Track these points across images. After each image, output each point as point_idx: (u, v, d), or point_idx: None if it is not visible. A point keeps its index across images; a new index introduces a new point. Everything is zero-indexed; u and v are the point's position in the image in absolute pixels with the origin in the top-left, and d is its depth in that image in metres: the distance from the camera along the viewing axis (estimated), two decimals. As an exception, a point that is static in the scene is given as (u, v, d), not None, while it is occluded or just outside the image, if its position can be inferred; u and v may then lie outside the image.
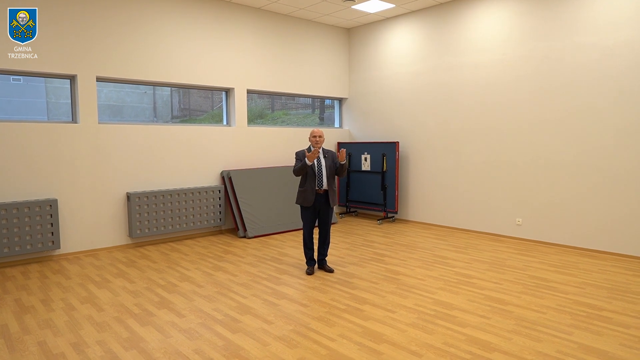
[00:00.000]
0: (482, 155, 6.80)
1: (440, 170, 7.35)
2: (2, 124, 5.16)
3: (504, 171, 6.55)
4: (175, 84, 6.59)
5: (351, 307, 3.92)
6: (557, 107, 5.94)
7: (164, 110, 6.81)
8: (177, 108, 7.28)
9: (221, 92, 7.25)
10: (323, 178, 4.79)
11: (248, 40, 7.17)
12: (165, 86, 6.68)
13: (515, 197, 6.45)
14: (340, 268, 5.10)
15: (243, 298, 4.15)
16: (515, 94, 6.36)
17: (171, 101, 7.38)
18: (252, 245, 6.26)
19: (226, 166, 7.08)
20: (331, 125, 9.09)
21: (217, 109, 7.36)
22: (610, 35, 5.43)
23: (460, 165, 7.07)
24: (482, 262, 5.31)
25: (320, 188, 4.79)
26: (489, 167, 6.72)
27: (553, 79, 5.95)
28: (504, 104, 6.49)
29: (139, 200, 6.07)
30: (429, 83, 7.40)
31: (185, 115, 7.13)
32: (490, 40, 6.58)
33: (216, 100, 7.62)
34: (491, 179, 6.70)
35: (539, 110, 6.13)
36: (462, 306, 3.93)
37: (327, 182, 4.81)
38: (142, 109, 7.19)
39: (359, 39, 8.47)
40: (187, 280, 4.69)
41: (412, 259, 5.47)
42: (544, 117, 6.08)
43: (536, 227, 6.25)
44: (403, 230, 7.22)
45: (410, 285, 4.49)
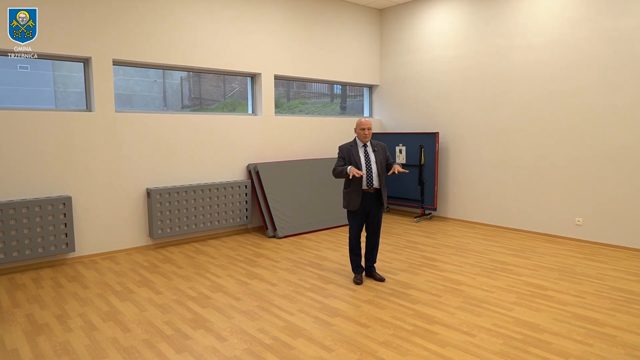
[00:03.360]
0: (535, 147, 6.14)
1: (486, 163, 6.70)
2: (8, 112, 4.58)
3: (562, 165, 5.90)
4: (198, 69, 5.96)
5: (419, 328, 3.33)
6: (626, 94, 5.26)
7: (173, 100, 6.29)
8: (188, 97, 6.77)
9: (238, 79, 6.62)
10: (373, 175, 4.17)
11: (275, 22, 6.52)
12: (187, 70, 6.06)
13: (574, 194, 5.80)
14: (390, 276, 4.51)
15: (290, 315, 3.57)
16: (575, 79, 5.68)
17: (181, 90, 6.87)
18: (285, 247, 5.67)
19: (252, 159, 6.48)
20: (357, 114, 8.44)
21: (229, 98, 6.83)
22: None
23: (510, 158, 6.41)
24: (549, 269, 4.70)
25: (371, 187, 4.17)
26: (544, 160, 6.06)
27: (622, 62, 5.26)
28: (562, 90, 5.81)
29: (160, 197, 5.49)
30: (474, 68, 6.72)
31: (195, 105, 6.63)
32: (547, 19, 5.88)
33: (227, 89, 7.07)
34: (546, 173, 6.05)
35: (605, 97, 5.45)
36: (551, 327, 3.32)
37: (378, 180, 4.19)
38: (151, 98, 6.69)
39: (393, 21, 7.78)
40: (220, 291, 4.11)
41: (468, 265, 4.86)
42: (610, 105, 5.40)
43: (599, 228, 5.61)
44: (445, 229, 6.61)
45: (479, 299, 3.89)
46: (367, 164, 4.16)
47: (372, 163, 4.17)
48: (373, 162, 4.18)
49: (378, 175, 4.17)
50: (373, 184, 4.16)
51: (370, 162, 4.17)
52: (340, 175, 4.15)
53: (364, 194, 4.18)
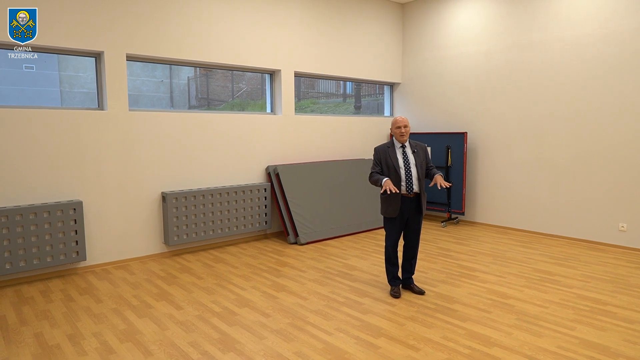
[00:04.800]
0: (572, 147, 5.75)
1: (518, 164, 6.31)
2: (13, 111, 4.24)
3: (602, 166, 5.51)
4: (215, 64, 5.61)
5: (476, 351, 2.96)
6: (682, 89, 4.88)
7: (181, 100, 5.98)
8: (195, 97, 6.46)
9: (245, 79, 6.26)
10: (413, 179, 3.79)
11: (294, 16, 6.16)
12: (203, 67, 5.73)
13: (617, 197, 5.41)
14: (429, 288, 4.13)
15: (327, 335, 3.20)
16: (618, 75, 5.29)
17: (188, 90, 6.56)
18: (308, 254, 5.31)
19: (272, 160, 6.12)
20: (376, 114, 8.07)
21: (237, 99, 6.51)
22: None
23: (545, 160, 6.02)
24: (600, 280, 4.31)
25: (410, 192, 3.80)
26: (582, 161, 5.67)
27: (677, 55, 4.88)
28: (603, 87, 5.42)
29: (176, 202, 5.14)
30: (505, 64, 6.34)
31: (202, 105, 6.33)
32: (585, 11, 5.50)
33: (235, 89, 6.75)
34: (585, 175, 5.66)
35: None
36: (624, 351, 2.94)
37: (418, 184, 3.82)
38: (158, 98, 6.41)
39: (416, 15, 7.41)
40: (246, 306, 3.75)
41: (511, 275, 4.48)
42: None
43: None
44: (475, 234, 6.22)
45: (534, 316, 3.51)
46: (406, 166, 3.79)
47: (412, 166, 3.80)
48: (412, 165, 3.80)
49: (418, 179, 3.80)
50: (413, 188, 3.79)
51: (410, 164, 3.80)
52: (375, 184, 3.81)
53: (403, 199, 3.81)
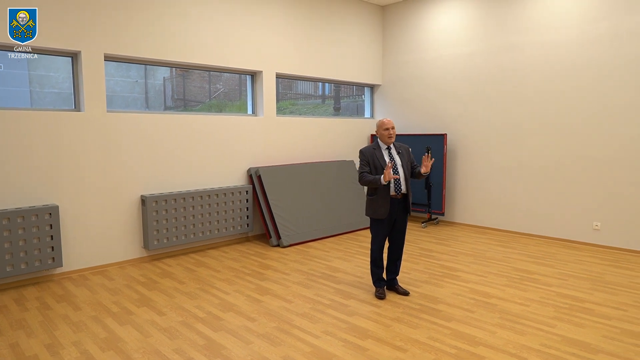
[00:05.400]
0: (549, 148, 5.90)
1: (497, 165, 6.43)
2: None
3: (578, 167, 5.66)
4: (196, 65, 5.54)
5: (462, 351, 2.99)
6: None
7: (156, 101, 5.85)
8: (171, 98, 6.34)
9: (222, 80, 6.20)
10: (401, 180, 3.82)
11: (276, 18, 6.12)
12: (184, 67, 5.64)
13: (591, 197, 5.58)
14: (413, 289, 4.16)
15: (315, 338, 3.19)
16: (594, 78, 5.45)
17: (164, 91, 6.43)
18: (291, 257, 5.28)
19: (254, 162, 6.07)
20: (356, 115, 8.11)
21: (214, 99, 6.42)
22: None
23: (523, 160, 6.16)
24: (578, 278, 4.43)
25: (399, 192, 3.82)
26: (559, 162, 5.82)
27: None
28: (580, 90, 5.58)
29: (156, 205, 5.03)
30: (483, 66, 6.46)
31: (179, 106, 6.21)
32: (564, 14, 5.65)
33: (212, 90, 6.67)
34: (561, 176, 5.81)
35: (625, 96, 5.23)
36: (604, 347, 3.02)
37: (405, 185, 3.85)
38: (132, 99, 6.26)
39: (396, 18, 7.48)
40: (231, 310, 3.70)
41: (492, 275, 4.56)
42: (631, 104, 5.19)
43: (619, 232, 5.39)
44: (455, 235, 6.31)
45: (516, 314, 3.57)
46: (393, 168, 3.81)
47: (399, 166, 3.83)
48: (399, 166, 3.83)
49: (405, 180, 3.83)
50: (401, 189, 3.81)
51: (397, 165, 3.82)
52: (371, 183, 3.72)
53: (391, 200, 3.82)
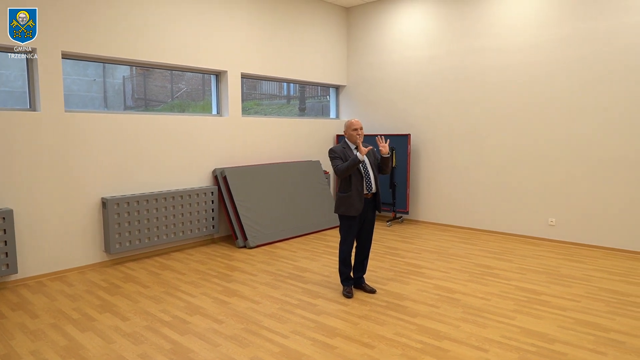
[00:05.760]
0: (508, 149, 6.13)
1: (459, 165, 6.63)
2: None
3: (534, 166, 5.92)
4: (159, 64, 5.42)
5: (428, 345, 3.07)
6: (600, 95, 5.35)
7: (115, 100, 5.68)
8: (131, 97, 6.18)
9: (185, 79, 6.12)
10: (371, 178, 3.88)
11: (241, 17, 6.08)
12: (147, 66, 5.51)
13: (547, 195, 5.84)
14: (379, 286, 4.24)
15: (283, 338, 3.19)
16: (549, 81, 5.72)
17: (124, 90, 6.25)
18: (258, 258, 5.26)
19: (219, 163, 6.00)
20: (321, 115, 8.16)
21: (177, 99, 6.30)
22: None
23: (483, 160, 6.38)
24: (535, 272, 4.63)
25: (370, 191, 3.88)
26: (517, 161, 6.07)
27: (596, 64, 5.35)
28: (536, 92, 5.83)
29: (117, 207, 4.89)
30: (445, 69, 6.64)
31: (140, 106, 6.06)
32: (519, 21, 5.89)
33: (175, 89, 6.55)
34: (519, 175, 6.06)
35: (578, 99, 5.52)
36: (560, 336, 3.18)
37: (375, 184, 3.91)
38: (90, 98, 6.06)
39: (361, 20, 7.58)
40: (197, 313, 3.65)
41: (455, 270, 4.70)
42: (583, 107, 5.48)
43: (572, 228, 5.67)
44: (419, 233, 6.46)
45: (478, 308, 3.70)
46: (363, 167, 3.87)
47: (368, 166, 3.90)
48: (368, 165, 3.90)
49: (375, 179, 3.90)
50: (372, 188, 3.88)
51: (367, 165, 3.89)
52: (349, 168, 3.68)
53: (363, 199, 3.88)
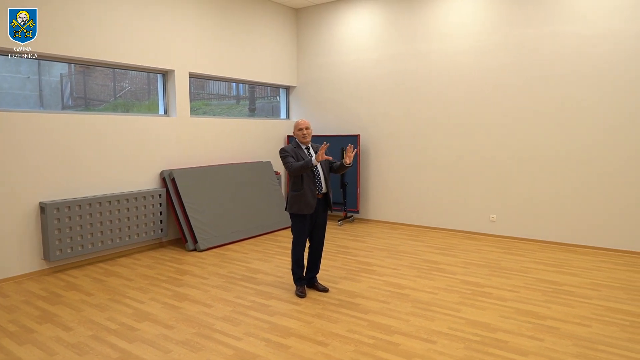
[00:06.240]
0: (452, 149, 6.41)
1: (406, 165, 6.85)
2: None
3: (476, 166, 6.23)
4: (101, 62, 5.20)
5: (380, 340, 3.16)
6: (533, 98, 5.72)
7: (52, 99, 5.39)
8: (70, 96, 5.89)
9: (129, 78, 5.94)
10: (321, 179, 3.93)
11: (189, 16, 5.95)
12: (86, 64, 5.26)
13: (488, 192, 6.17)
14: (332, 285, 4.30)
15: (237, 340, 3.17)
16: (488, 84, 6.04)
17: (61, 88, 5.95)
18: (209, 261, 5.17)
19: (167, 165, 5.83)
20: (272, 116, 8.15)
21: (120, 99, 6.08)
22: (589, 25, 5.29)
23: (428, 159, 6.62)
24: (478, 266, 4.87)
25: (320, 191, 3.92)
26: (460, 161, 6.36)
27: (530, 68, 5.71)
28: (476, 94, 6.14)
29: (57, 212, 4.64)
30: (393, 71, 6.84)
31: (79, 105, 5.79)
32: (462, 26, 6.18)
33: (118, 88, 6.32)
34: (462, 173, 6.35)
35: (513, 102, 5.87)
36: (501, 325, 3.37)
37: (325, 184, 3.96)
38: (24, 96, 5.71)
39: (310, 21, 7.63)
40: (146, 319, 3.54)
41: (404, 267, 4.85)
42: (518, 109, 5.83)
43: (511, 223, 6.02)
44: (370, 231, 6.61)
45: (426, 302, 3.85)
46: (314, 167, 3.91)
47: (319, 166, 3.94)
48: (319, 166, 3.94)
49: (325, 179, 3.95)
50: (322, 188, 3.92)
51: (317, 165, 3.93)
52: (303, 168, 3.68)
53: None
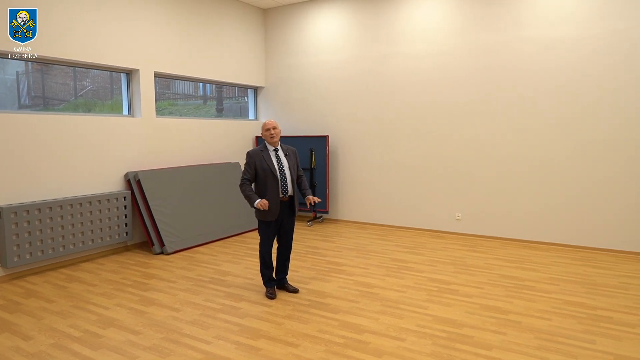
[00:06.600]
0: (419, 149, 6.55)
1: (374, 165, 6.94)
2: None
3: (442, 165, 6.39)
4: (61, 61, 5.01)
5: (350, 339, 3.20)
6: (494, 100, 5.92)
7: (7, 98, 5.16)
8: (27, 95, 5.66)
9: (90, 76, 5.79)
10: (287, 182, 3.92)
11: (154, 14, 5.82)
12: (45, 62, 5.05)
13: (453, 192, 6.33)
14: (302, 285, 4.31)
15: (206, 344, 3.13)
16: (453, 86, 6.20)
17: (17, 87, 5.71)
18: (177, 264, 5.08)
19: (132, 166, 5.69)
20: (240, 117, 8.09)
21: (81, 98, 5.89)
22: (548, 30, 5.52)
23: (396, 160, 6.74)
24: (444, 264, 5.00)
25: (285, 195, 3.92)
26: (426, 160, 6.50)
27: (492, 71, 5.91)
28: (441, 96, 6.30)
29: (15, 217, 4.45)
30: (360, 73, 6.91)
31: (37, 105, 5.57)
32: (428, 30, 6.32)
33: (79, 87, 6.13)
34: (428, 173, 6.50)
35: (476, 103, 6.05)
36: (467, 321, 3.48)
37: (292, 187, 3.96)
38: None
39: (278, 21, 7.62)
40: (112, 326, 3.45)
41: (373, 266, 4.92)
42: (479, 111, 6.02)
43: (475, 221, 6.21)
44: (339, 231, 6.66)
45: (395, 301, 3.92)
46: (280, 169, 3.90)
47: (286, 169, 3.93)
48: (286, 168, 3.93)
49: (292, 182, 3.95)
50: (288, 191, 3.92)
51: (284, 167, 3.92)
52: (247, 198, 3.84)
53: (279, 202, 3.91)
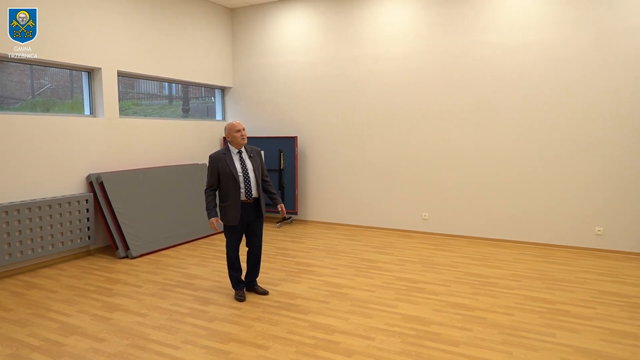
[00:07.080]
0: (385, 150, 6.64)
1: (342, 166, 6.98)
2: None
3: (409, 166, 6.50)
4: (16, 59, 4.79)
5: (320, 340, 3.21)
6: (459, 102, 6.07)
7: None
8: None
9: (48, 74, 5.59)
10: (252, 184, 3.88)
11: (118, 11, 5.65)
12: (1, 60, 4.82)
13: (421, 191, 6.46)
14: (272, 287, 4.29)
15: (174, 349, 3.07)
16: (419, 88, 6.32)
17: None
18: (143, 268, 4.95)
19: (94, 168, 5.51)
20: (206, 117, 7.97)
21: (39, 97, 5.64)
22: (510, 35, 5.71)
23: (363, 161, 6.81)
24: (412, 263, 5.09)
25: (249, 197, 3.88)
26: (393, 161, 6.60)
27: (456, 74, 6.06)
28: (408, 98, 6.41)
29: (-33, 222, 4.23)
30: (328, 74, 6.94)
31: None
32: (394, 32, 6.42)
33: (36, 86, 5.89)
34: (396, 174, 6.60)
35: (441, 105, 6.19)
36: (434, 319, 3.55)
37: (256, 189, 3.92)
38: None
39: (245, 21, 7.55)
40: (74, 333, 3.32)
41: (343, 267, 4.95)
42: (445, 112, 6.17)
43: (441, 220, 6.35)
44: (308, 232, 6.66)
45: (364, 300, 3.96)
46: (244, 172, 3.85)
47: (250, 171, 3.88)
48: (251, 170, 3.89)
49: (257, 184, 3.91)
50: (252, 194, 3.88)
51: (248, 170, 3.87)
52: (206, 209, 3.90)
53: (242, 205, 3.86)
